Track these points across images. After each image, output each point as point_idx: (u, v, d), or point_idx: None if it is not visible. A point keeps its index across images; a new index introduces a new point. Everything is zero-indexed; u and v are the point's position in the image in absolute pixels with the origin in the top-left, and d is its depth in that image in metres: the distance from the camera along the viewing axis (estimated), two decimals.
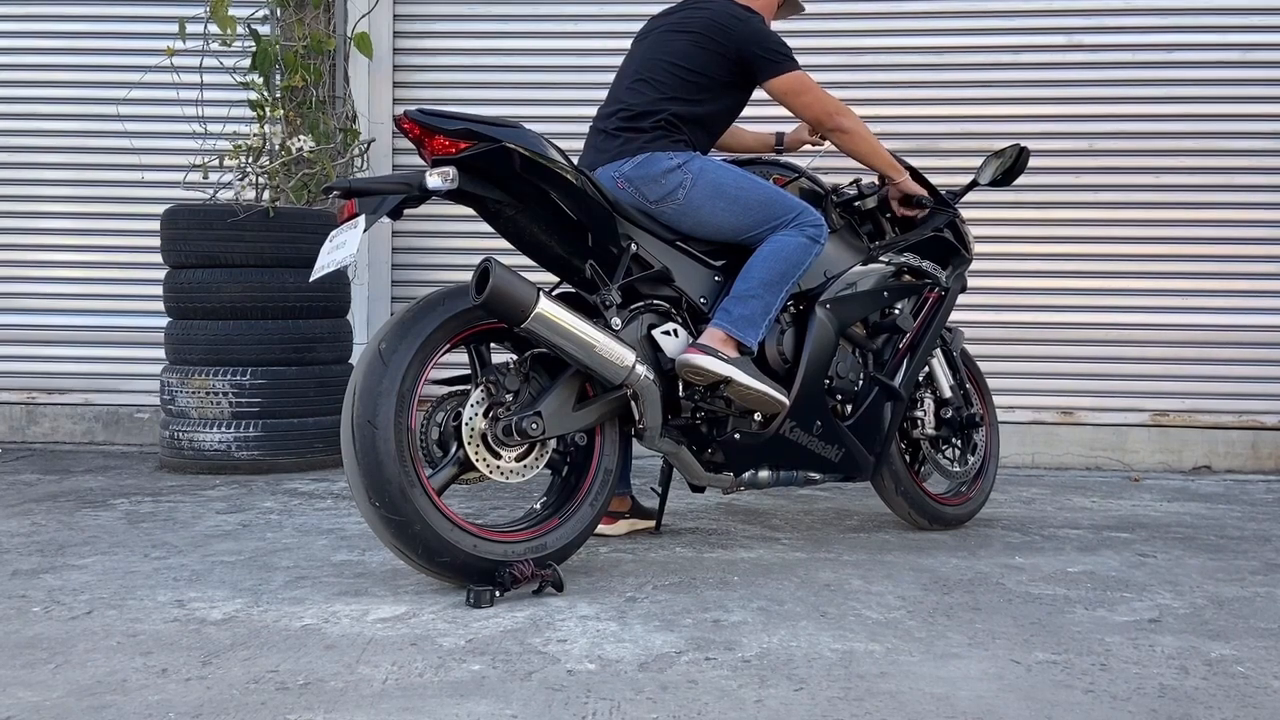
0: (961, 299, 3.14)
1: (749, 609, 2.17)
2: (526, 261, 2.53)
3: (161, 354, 4.06)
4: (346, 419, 2.16)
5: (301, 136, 4.10)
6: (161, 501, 3.31)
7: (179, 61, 4.04)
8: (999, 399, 3.55)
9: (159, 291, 4.04)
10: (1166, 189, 4.47)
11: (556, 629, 2.02)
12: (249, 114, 4.16)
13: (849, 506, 3.40)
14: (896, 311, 2.93)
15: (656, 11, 2.87)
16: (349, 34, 4.40)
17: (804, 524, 3.09)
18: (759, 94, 2.79)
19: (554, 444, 2.38)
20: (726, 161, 2.76)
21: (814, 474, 2.76)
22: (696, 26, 2.70)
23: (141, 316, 4.62)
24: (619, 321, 2.42)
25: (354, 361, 3.50)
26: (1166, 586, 2.43)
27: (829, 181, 2.95)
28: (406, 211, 2.28)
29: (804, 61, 2.75)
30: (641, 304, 2.52)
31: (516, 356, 2.38)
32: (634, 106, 2.68)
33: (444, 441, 2.27)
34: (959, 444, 3.13)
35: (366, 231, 2.20)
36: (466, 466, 2.26)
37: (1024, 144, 2.91)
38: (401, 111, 2.28)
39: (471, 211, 2.41)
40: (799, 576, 2.46)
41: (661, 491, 2.94)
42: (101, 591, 2.25)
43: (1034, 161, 3.10)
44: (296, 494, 3.45)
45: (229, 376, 3.82)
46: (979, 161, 3.00)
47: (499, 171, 2.27)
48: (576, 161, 2.51)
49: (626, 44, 2.88)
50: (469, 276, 2.20)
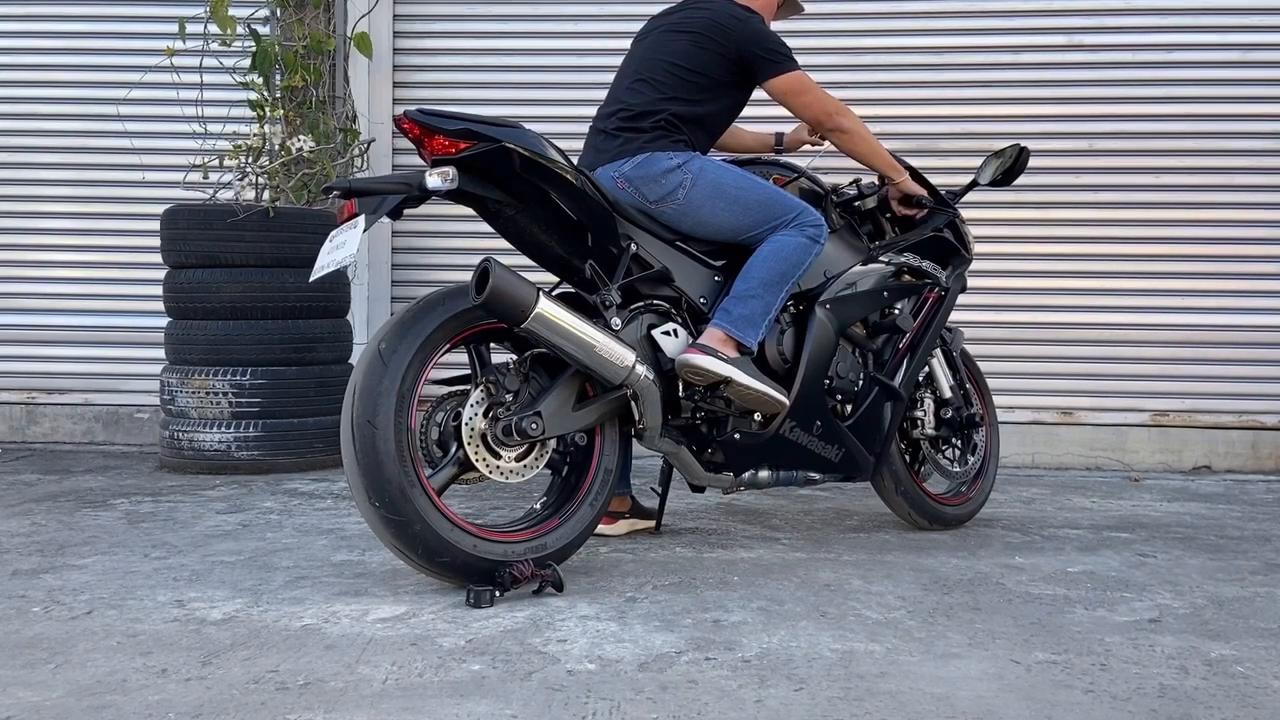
0: (961, 299, 3.14)
1: (749, 609, 2.17)
2: (526, 261, 2.53)
3: (161, 354, 4.06)
4: (346, 419, 2.16)
5: (301, 136, 4.10)
6: (161, 501, 3.31)
7: (179, 61, 4.04)
8: (999, 399, 3.55)
9: (159, 291, 4.04)
10: (1166, 189, 4.47)
11: (556, 629, 2.02)
12: (249, 114, 4.16)
13: (849, 506, 3.40)
14: (896, 311, 2.93)
15: (656, 11, 2.87)
16: (349, 34, 4.40)
17: (804, 524, 3.09)
18: (759, 94, 2.79)
19: (554, 444, 2.38)
20: (726, 161, 2.76)
21: (814, 474, 2.76)
22: (696, 26, 2.70)
23: (141, 316, 4.62)
24: (619, 321, 2.42)
25: (354, 361, 3.50)
26: (1166, 586, 2.43)
27: (829, 181, 2.95)
28: (406, 211, 2.28)
29: (804, 61, 2.75)
30: (641, 304, 2.52)
31: (516, 356, 2.38)
32: (634, 106, 2.68)
33: (444, 441, 2.27)
34: (959, 444, 3.13)
35: (366, 231, 2.20)
36: (466, 466, 2.26)
37: (1024, 144, 2.91)
38: (401, 111, 2.28)
39: (471, 211, 2.41)
40: (799, 576, 2.46)
41: (661, 491, 2.94)
42: (101, 591, 2.25)
43: (1034, 161, 3.10)
44: (296, 494, 3.45)
45: (229, 376, 3.82)
46: (979, 161, 3.00)
47: (499, 171, 2.27)
48: (576, 161, 2.51)
49: (626, 44, 2.88)
50: (469, 276, 2.20)
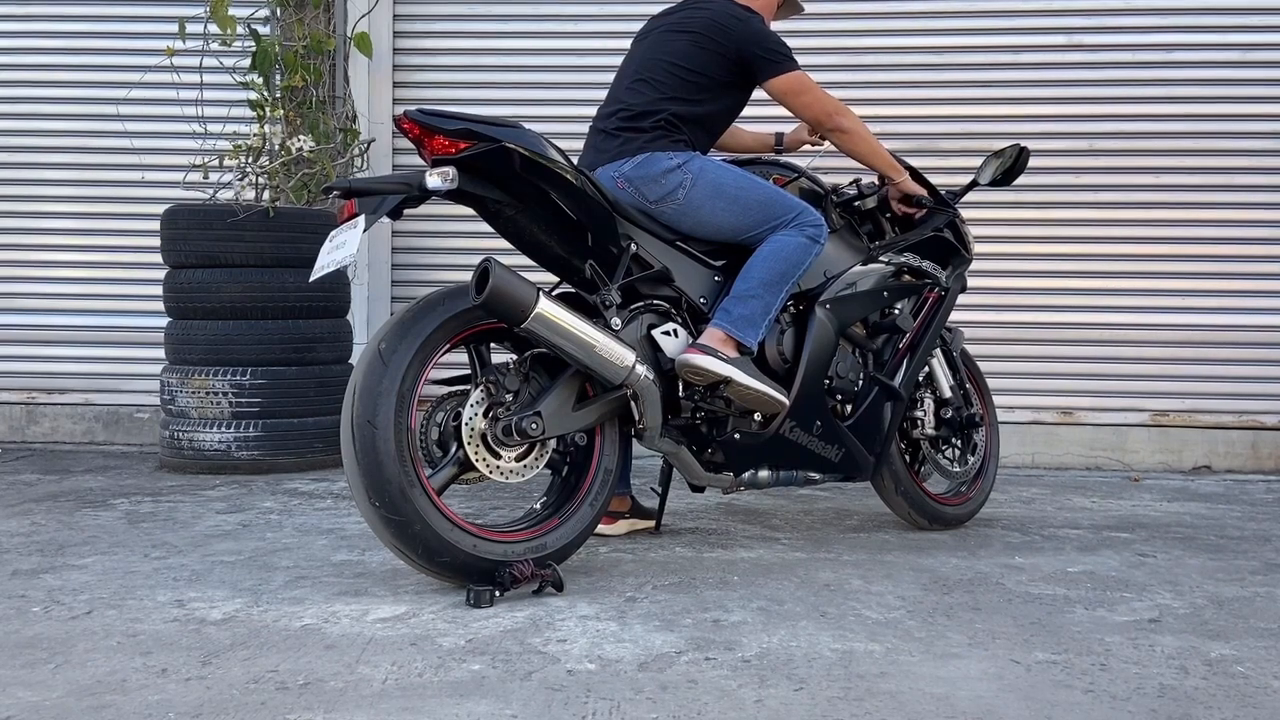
0: (961, 299, 3.13)
1: (749, 609, 2.17)
2: (526, 261, 2.53)
3: (161, 354, 4.06)
4: (346, 419, 2.16)
5: (301, 136, 4.10)
6: (161, 501, 3.31)
7: (179, 61, 4.04)
8: (999, 399, 3.55)
9: (159, 291, 4.04)
10: (1166, 189, 4.47)
11: (556, 629, 2.02)
12: (249, 114, 4.16)
13: (849, 506, 3.40)
14: (896, 311, 2.93)
15: (656, 11, 2.87)
16: (349, 34, 4.40)
17: (804, 524, 3.09)
18: (759, 94, 2.79)
19: (554, 444, 2.38)
20: (726, 161, 2.76)
21: (814, 474, 2.76)
22: (696, 26, 2.70)
23: (141, 316, 4.62)
24: (619, 321, 2.42)
25: (354, 361, 3.50)
26: (1166, 586, 2.43)
27: (829, 181, 2.95)
28: (406, 211, 2.28)
29: (804, 61, 2.75)
30: (641, 304, 2.52)
31: (516, 356, 2.38)
32: (634, 106, 2.68)
33: (444, 441, 2.27)
34: (959, 444, 3.13)
35: (366, 231, 2.20)
36: (466, 466, 2.26)
37: (1024, 144, 2.91)
38: (401, 111, 2.28)
39: (471, 211, 2.41)
40: (799, 576, 2.46)
41: (661, 491, 2.94)
42: (101, 591, 2.25)
43: (1034, 161, 3.10)
44: (296, 494, 3.45)
45: (229, 376, 3.82)
46: (979, 161, 3.00)
47: (499, 171, 2.27)
48: (576, 161, 2.51)
49: (626, 44, 2.88)
50: (469, 276, 2.20)
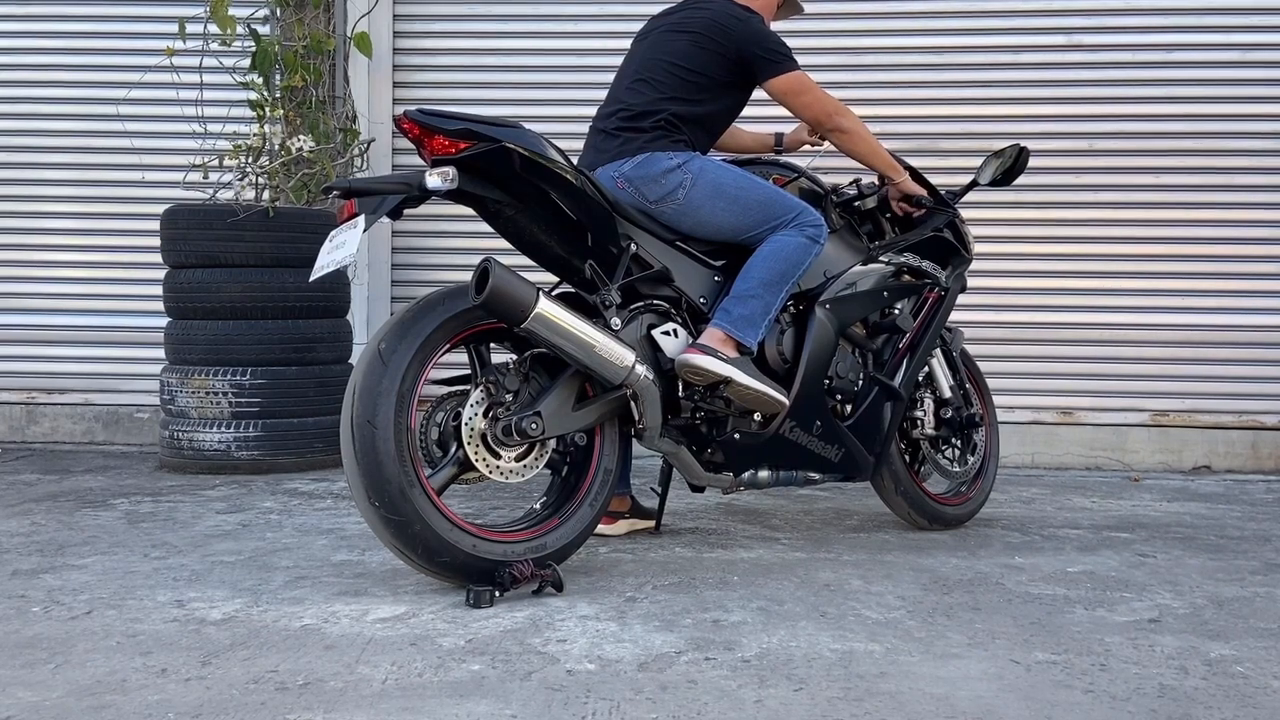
0: (961, 299, 3.13)
1: (749, 609, 2.17)
2: (526, 261, 2.53)
3: (161, 354, 4.06)
4: (346, 419, 2.16)
5: (301, 136, 4.10)
6: (161, 501, 3.31)
7: (179, 61, 4.04)
8: (999, 399, 3.55)
9: (159, 291, 4.04)
10: (1166, 189, 4.47)
11: (556, 629, 2.02)
12: (249, 114, 4.16)
13: (849, 506, 3.40)
14: (896, 311, 2.93)
15: (656, 11, 2.87)
16: (349, 34, 4.40)
17: (804, 524, 3.09)
18: (759, 94, 2.79)
19: (553, 444, 2.38)
20: (726, 161, 2.76)
21: (814, 474, 2.76)
22: (696, 26, 2.70)
23: (141, 316, 4.62)
24: (619, 321, 2.42)
25: (354, 361, 3.50)
26: (1166, 586, 2.43)
27: (829, 181, 2.95)
28: (406, 211, 2.28)
29: (804, 61, 2.75)
30: (641, 304, 2.52)
31: (516, 356, 2.38)
32: (634, 106, 2.68)
33: (444, 441, 2.27)
34: (959, 444, 3.13)
35: (366, 231, 2.20)
36: (466, 466, 2.26)
37: (1024, 144, 2.91)
38: (401, 111, 2.28)
39: (471, 211, 2.41)
40: (799, 576, 2.46)
41: (661, 491, 2.94)
42: (101, 591, 2.25)
43: (1034, 161, 3.10)
44: (296, 494, 3.45)
45: (229, 376, 3.82)
46: (979, 161, 3.00)
47: (499, 171, 2.27)
48: (576, 161, 2.51)
49: (626, 44, 2.88)
50: (469, 276, 2.20)
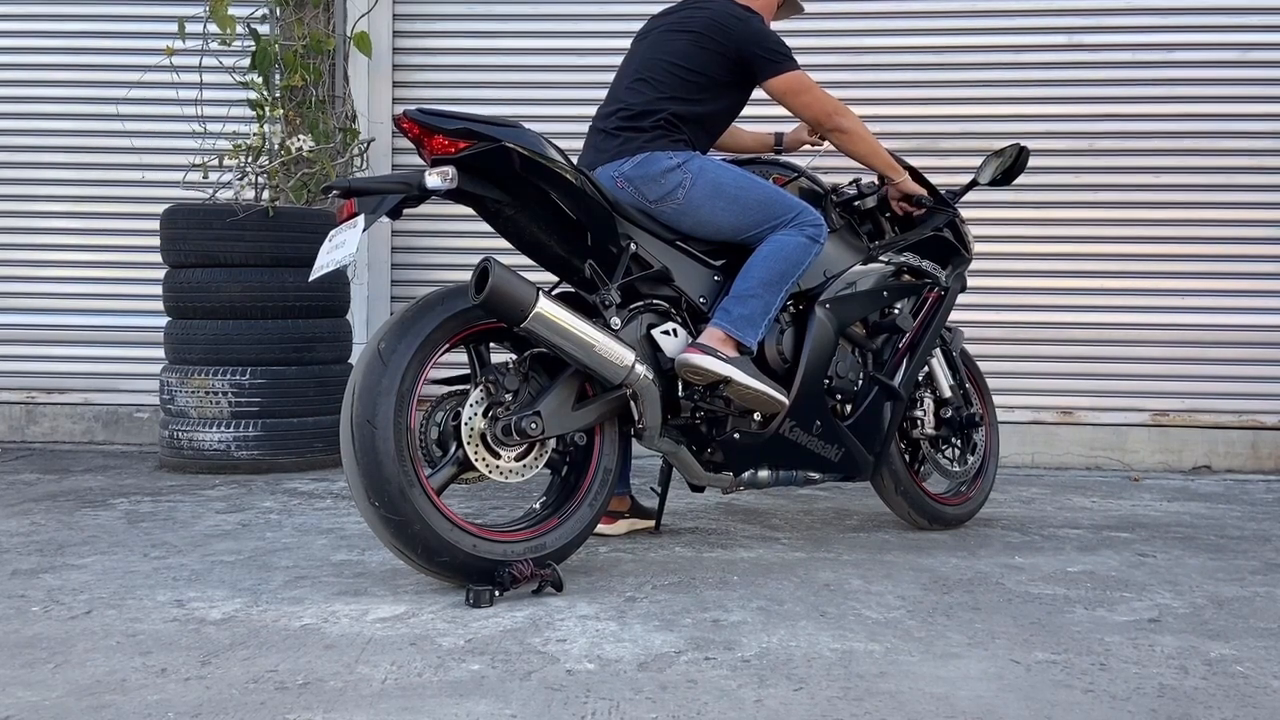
0: (961, 299, 3.13)
1: (748, 609, 2.17)
2: (526, 261, 2.53)
3: (161, 354, 4.06)
4: (346, 418, 2.15)
5: (301, 136, 4.10)
6: (161, 501, 3.31)
7: (179, 61, 4.04)
8: (999, 399, 3.55)
9: (159, 291, 4.04)
10: (1166, 189, 4.47)
11: (556, 629, 2.02)
12: (249, 114, 4.16)
13: (849, 506, 3.40)
14: (896, 311, 2.93)
15: (656, 11, 2.87)
16: (348, 33, 4.40)
17: (804, 524, 3.09)
18: (759, 94, 2.78)
19: (553, 444, 2.37)
20: (726, 161, 2.76)
21: (814, 474, 2.76)
22: (696, 26, 2.70)
23: (141, 316, 4.61)
24: (618, 321, 2.42)
25: (354, 361, 3.50)
26: (1166, 586, 2.43)
27: (829, 181, 2.95)
28: (406, 211, 2.28)
29: (804, 61, 2.75)
30: (641, 304, 2.51)
31: (516, 356, 2.38)
32: (634, 106, 2.68)
33: (443, 441, 2.27)
34: (959, 444, 3.13)
35: (366, 231, 2.20)
36: (466, 466, 2.26)
37: (1024, 144, 2.91)
38: (401, 111, 2.28)
39: (471, 211, 2.41)
40: (799, 576, 2.46)
41: (661, 491, 2.94)
42: (101, 591, 2.25)
43: (1034, 161, 3.10)
44: (296, 494, 3.45)
45: (228, 376, 3.81)
46: (979, 161, 3.00)
47: (498, 171, 2.27)
48: (576, 161, 2.51)
49: (626, 44, 2.88)
50: (469, 276, 2.20)
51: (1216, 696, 1.71)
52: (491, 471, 2.27)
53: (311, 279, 2.31)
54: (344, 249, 2.21)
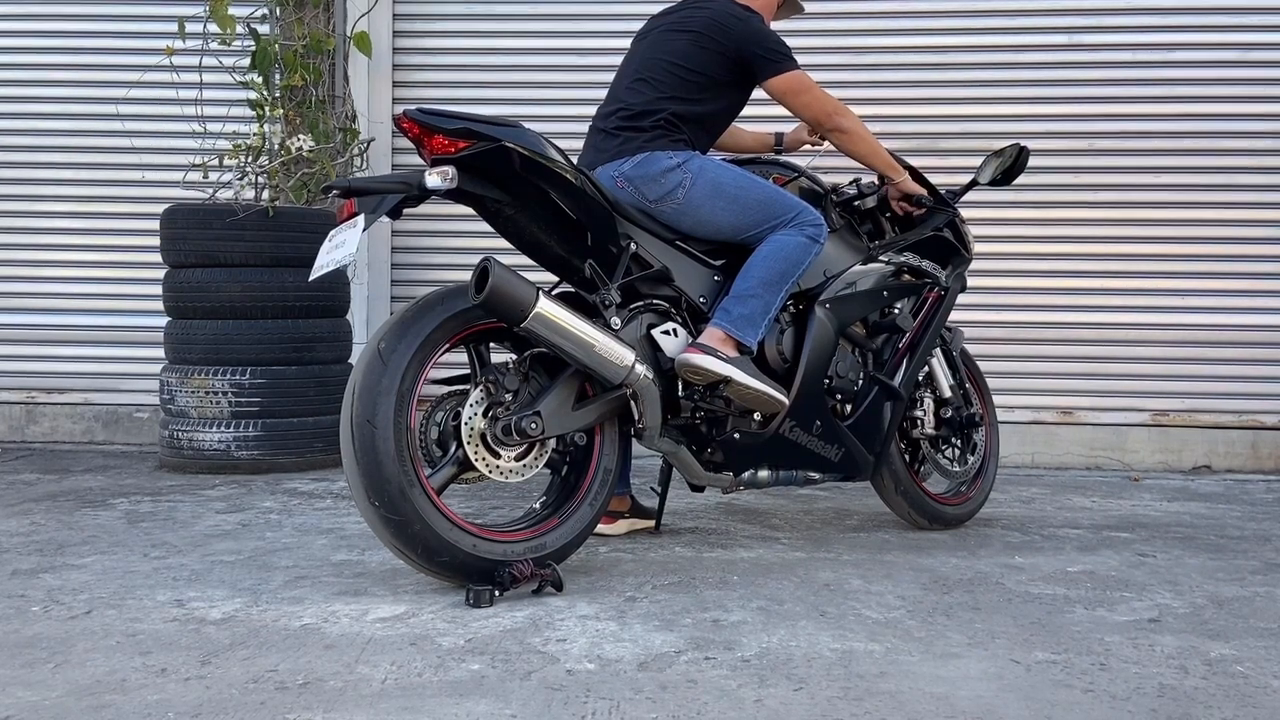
0: (961, 299, 3.13)
1: (748, 609, 2.17)
2: (526, 261, 2.53)
3: (161, 354, 4.06)
4: (346, 418, 2.15)
5: (301, 136, 4.10)
6: (161, 501, 3.31)
7: (179, 61, 4.04)
8: (999, 399, 3.55)
9: (159, 291, 4.04)
10: (1166, 189, 4.47)
11: (556, 629, 2.02)
12: (249, 113, 4.15)
13: (849, 506, 3.40)
14: (896, 311, 2.93)
15: (656, 11, 2.87)
16: (348, 33, 4.40)
17: (804, 524, 3.09)
18: (759, 94, 2.79)
19: (553, 444, 2.37)
20: (726, 161, 2.76)
21: (814, 474, 2.76)
22: (696, 26, 2.70)
23: (141, 316, 4.61)
24: (618, 321, 2.42)
25: (353, 361, 3.50)
26: (1166, 586, 2.43)
27: (829, 181, 2.95)
28: (406, 211, 2.28)
29: (804, 61, 2.75)
30: (641, 303, 2.51)
31: (516, 356, 2.38)
32: (633, 106, 2.67)
33: (443, 441, 2.27)
34: (959, 444, 3.13)
35: (366, 231, 2.20)
36: (466, 466, 2.26)
37: (1024, 144, 2.91)
38: (401, 111, 2.28)
39: (471, 211, 2.41)
40: (798, 576, 2.46)
41: (661, 491, 2.94)
42: (101, 591, 2.25)
43: (1034, 161, 3.10)
44: (296, 494, 3.45)
45: (228, 376, 3.81)
46: (979, 161, 3.00)
47: (498, 171, 2.27)
48: (576, 161, 2.51)
49: (626, 44, 2.88)
50: (469, 276, 2.20)
51: (1216, 696, 1.71)
52: (491, 471, 2.27)
53: (311, 279, 2.31)
54: (344, 249, 2.21)
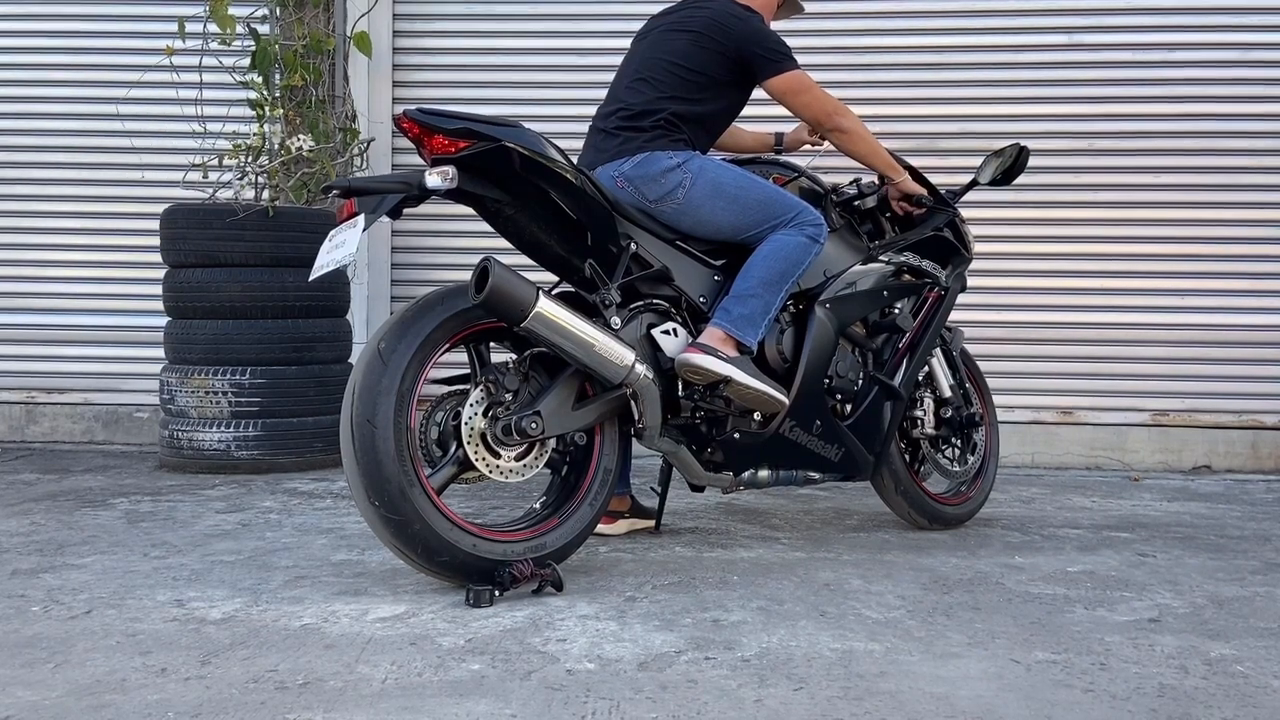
0: (961, 299, 3.13)
1: (748, 609, 2.17)
2: (526, 261, 2.53)
3: (161, 353, 4.06)
4: (346, 418, 2.15)
5: (301, 136, 4.10)
6: (161, 501, 3.31)
7: (179, 61, 4.04)
8: (999, 399, 3.55)
9: (159, 291, 4.04)
10: (1166, 189, 4.47)
11: (556, 628, 2.02)
12: (249, 113, 4.16)
13: (849, 506, 3.40)
14: (896, 311, 2.93)
15: (656, 11, 2.87)
16: (348, 33, 4.40)
17: (804, 524, 3.09)
18: (759, 94, 2.79)
19: (553, 443, 2.37)
20: (726, 161, 2.76)
21: (814, 473, 2.76)
22: (696, 25, 2.70)
23: (141, 316, 4.62)
24: (618, 321, 2.42)
25: (354, 361, 3.50)
26: (1166, 586, 2.43)
27: (829, 181, 2.95)
28: (406, 211, 2.28)
29: (804, 61, 2.75)
30: (641, 303, 2.51)
31: (516, 356, 2.38)
32: (633, 106, 2.67)
33: (443, 441, 2.27)
34: (959, 443, 3.13)
35: (366, 231, 2.20)
36: (466, 466, 2.26)
37: (1024, 144, 2.91)
38: (401, 111, 2.28)
39: (471, 211, 2.41)
40: (798, 576, 2.46)
41: (661, 491, 2.94)
42: (101, 591, 2.25)
43: (1034, 161, 3.10)
44: (296, 493, 3.45)
45: (228, 376, 3.81)
46: (979, 161, 3.00)
47: (498, 171, 2.27)
48: (576, 161, 2.51)
49: (626, 44, 2.88)
50: (469, 276, 2.20)
51: (1216, 696, 1.71)
52: (491, 471, 2.27)
53: (311, 279, 2.31)
54: (344, 249, 2.21)
